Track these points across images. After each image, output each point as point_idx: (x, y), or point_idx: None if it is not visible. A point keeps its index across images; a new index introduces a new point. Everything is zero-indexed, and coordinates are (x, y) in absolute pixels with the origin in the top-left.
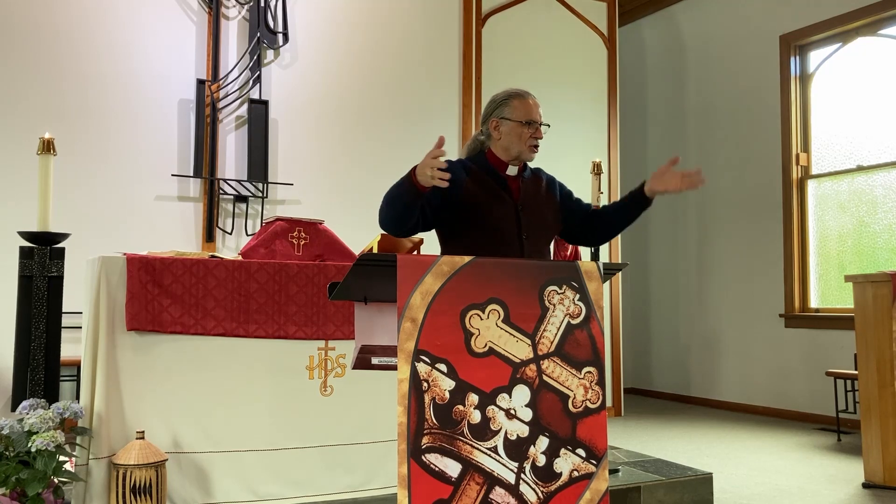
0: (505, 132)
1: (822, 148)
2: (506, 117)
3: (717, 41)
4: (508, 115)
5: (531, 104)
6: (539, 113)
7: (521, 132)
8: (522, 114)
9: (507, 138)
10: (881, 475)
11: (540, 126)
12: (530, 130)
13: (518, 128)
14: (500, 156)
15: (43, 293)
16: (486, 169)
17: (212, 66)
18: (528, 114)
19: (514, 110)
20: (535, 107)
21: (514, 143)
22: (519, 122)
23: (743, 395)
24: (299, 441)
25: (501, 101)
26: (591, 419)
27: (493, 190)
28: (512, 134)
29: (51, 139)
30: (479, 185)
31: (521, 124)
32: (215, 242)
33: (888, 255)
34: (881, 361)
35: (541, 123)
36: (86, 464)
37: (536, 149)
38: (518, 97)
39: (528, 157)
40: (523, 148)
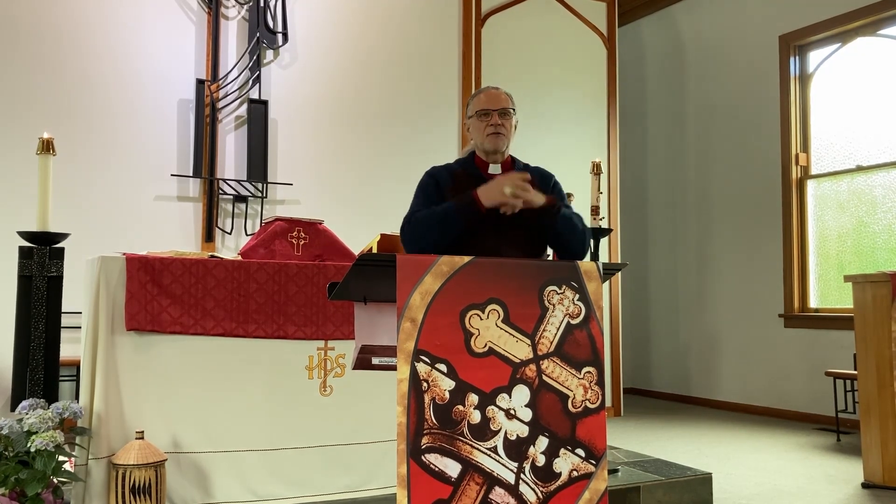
0: (471, 131)
1: (822, 148)
2: (470, 116)
3: (717, 41)
4: (470, 113)
5: (488, 94)
6: (494, 100)
7: (479, 124)
8: (477, 107)
9: (473, 135)
10: (880, 475)
11: (496, 112)
12: (486, 119)
13: (476, 121)
14: (480, 155)
15: (42, 293)
16: (470, 170)
17: (211, 66)
18: (481, 104)
19: (472, 107)
20: (489, 97)
21: (477, 137)
22: (474, 115)
23: (742, 395)
24: (299, 441)
25: (467, 105)
26: (591, 419)
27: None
28: (475, 129)
29: (50, 139)
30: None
31: (477, 117)
32: (215, 242)
33: (887, 256)
34: (880, 361)
35: (496, 110)
36: (85, 464)
37: (497, 136)
38: (477, 93)
39: (490, 146)
40: (483, 138)
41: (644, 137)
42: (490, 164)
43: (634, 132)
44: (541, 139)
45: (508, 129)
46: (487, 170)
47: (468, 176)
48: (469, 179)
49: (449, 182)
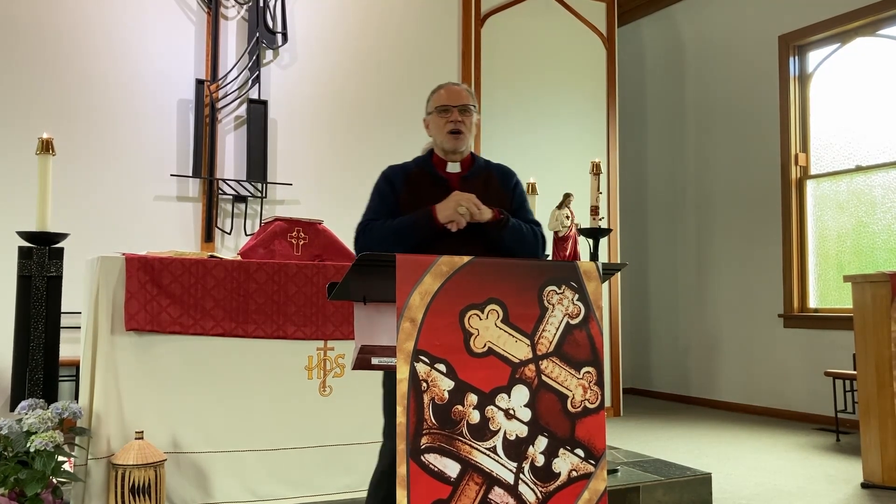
0: (431, 127)
1: (821, 148)
2: (428, 112)
3: (716, 41)
4: (430, 109)
5: (449, 90)
6: (456, 97)
7: (438, 121)
8: (437, 103)
9: (432, 131)
10: (880, 475)
11: (457, 109)
12: (446, 116)
13: (436, 118)
14: (439, 153)
15: (42, 293)
16: (427, 169)
17: (211, 66)
18: (441, 99)
19: (431, 104)
20: (450, 93)
21: (436, 135)
22: (434, 111)
23: (742, 395)
24: (298, 441)
25: (427, 100)
26: (590, 419)
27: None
28: (434, 126)
29: (49, 139)
30: (415, 190)
31: (437, 113)
32: (214, 242)
33: (887, 256)
34: (880, 362)
35: (457, 106)
36: (84, 464)
37: (457, 134)
38: (437, 89)
39: (450, 146)
40: (442, 137)
41: (644, 138)
42: (448, 162)
43: (634, 132)
44: (540, 139)
45: (469, 126)
46: (445, 168)
47: (424, 176)
48: (425, 180)
49: (404, 183)
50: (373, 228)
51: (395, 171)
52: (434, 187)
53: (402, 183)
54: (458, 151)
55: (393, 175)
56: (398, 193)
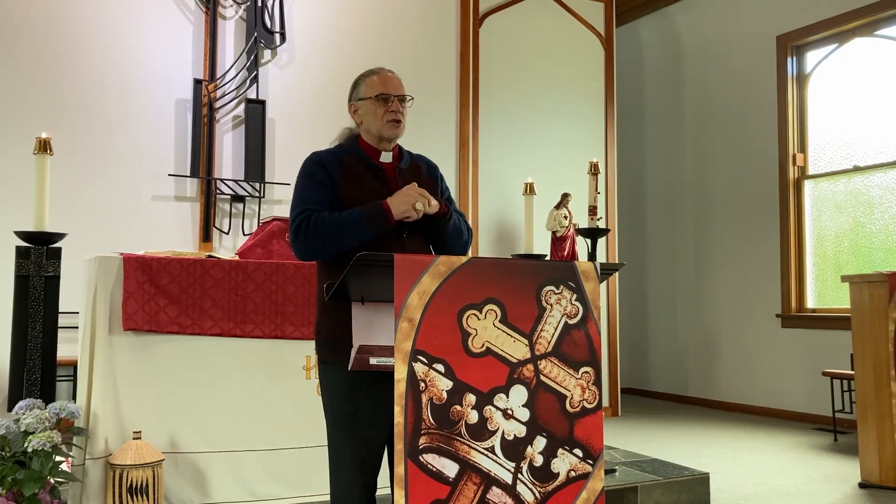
0: (363, 113)
1: (819, 148)
2: (360, 98)
3: (714, 41)
4: (362, 94)
5: (384, 77)
6: (395, 85)
7: (376, 108)
8: (374, 89)
9: (366, 119)
10: (877, 475)
11: (398, 99)
12: (385, 105)
13: (372, 104)
14: (369, 141)
15: (39, 293)
16: (360, 157)
17: (209, 66)
18: (380, 87)
19: (366, 88)
20: (388, 79)
21: (373, 123)
22: (371, 98)
23: (740, 395)
24: (296, 441)
25: (355, 84)
26: (588, 419)
27: (368, 183)
28: (369, 113)
29: (47, 139)
30: (353, 181)
31: (374, 100)
32: (212, 242)
33: (884, 256)
34: (877, 361)
35: (397, 96)
36: (82, 464)
37: (397, 124)
38: (369, 74)
39: (390, 134)
40: (381, 125)
41: (642, 137)
42: (382, 151)
43: (632, 132)
44: (538, 139)
45: (405, 116)
46: (379, 158)
47: (359, 165)
48: (360, 168)
49: (338, 171)
50: (319, 220)
51: (325, 158)
52: (373, 178)
53: (338, 171)
54: (394, 140)
55: (325, 161)
56: (335, 181)
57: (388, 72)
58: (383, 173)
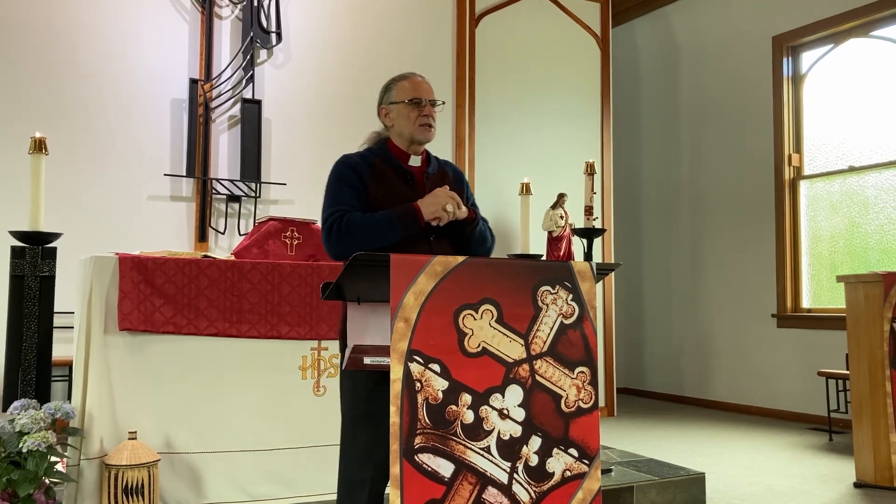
0: (394, 117)
1: (815, 148)
2: (392, 101)
3: (710, 42)
4: (394, 98)
5: (416, 82)
6: (427, 90)
7: (409, 112)
8: (406, 93)
9: (398, 122)
10: (872, 474)
11: (430, 103)
12: (418, 109)
13: (405, 108)
14: (399, 144)
15: (34, 293)
16: (389, 160)
17: (205, 66)
18: (412, 91)
19: (398, 92)
20: (420, 84)
21: (404, 127)
22: (403, 102)
23: (735, 394)
24: (292, 441)
25: (386, 88)
26: (584, 419)
27: (397, 187)
28: (400, 117)
29: (42, 138)
30: (382, 183)
31: (407, 104)
32: (208, 242)
33: (879, 256)
34: (872, 361)
35: (430, 100)
36: (77, 464)
37: (429, 128)
38: (401, 78)
39: (422, 138)
40: (413, 129)
41: (637, 138)
42: (411, 154)
43: (628, 132)
44: (534, 140)
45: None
46: (408, 161)
47: (388, 167)
48: (389, 172)
49: (368, 174)
50: (351, 220)
51: (355, 161)
52: (401, 180)
53: (368, 174)
54: (425, 144)
55: (355, 164)
56: (366, 184)
57: (419, 76)
58: (412, 177)
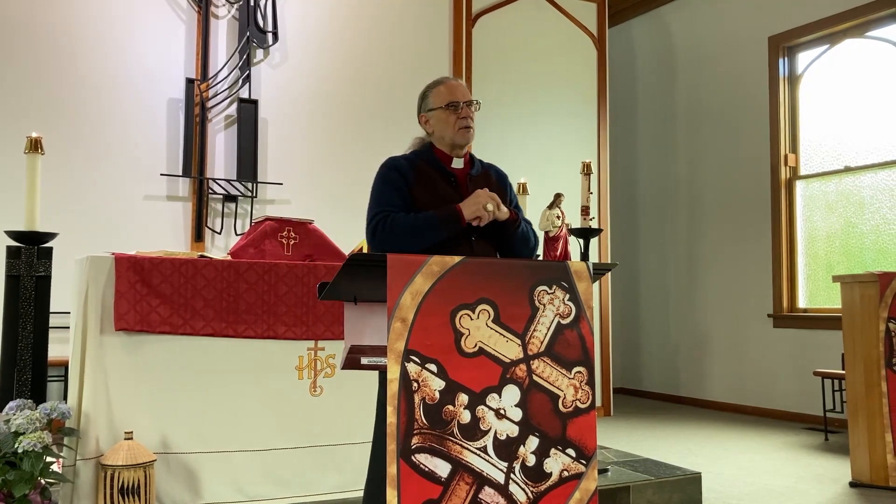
0: (434, 123)
1: (811, 149)
2: (430, 108)
3: (707, 42)
4: (432, 105)
5: (451, 86)
6: (463, 92)
7: (447, 117)
8: (443, 98)
9: (438, 128)
10: (868, 474)
11: (466, 105)
12: (456, 113)
13: (443, 114)
14: (443, 149)
15: (30, 293)
16: (433, 163)
17: (201, 65)
18: (449, 96)
19: (435, 98)
20: (455, 88)
21: (445, 131)
22: (441, 107)
23: (732, 394)
24: (289, 441)
25: (423, 96)
26: (581, 419)
27: (441, 189)
28: (440, 122)
29: (38, 138)
30: (426, 186)
31: (445, 109)
32: (204, 242)
33: (875, 256)
34: (868, 361)
35: (466, 102)
36: (73, 465)
37: (468, 130)
38: (436, 84)
39: (462, 141)
40: (453, 132)
41: (634, 138)
42: (454, 157)
43: (624, 132)
44: (531, 139)
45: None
46: (451, 164)
47: (433, 170)
48: (433, 174)
49: (412, 176)
50: (395, 221)
51: (401, 164)
52: (444, 182)
53: (413, 176)
54: (466, 145)
55: (400, 166)
56: (411, 186)
57: (453, 80)
58: (455, 179)
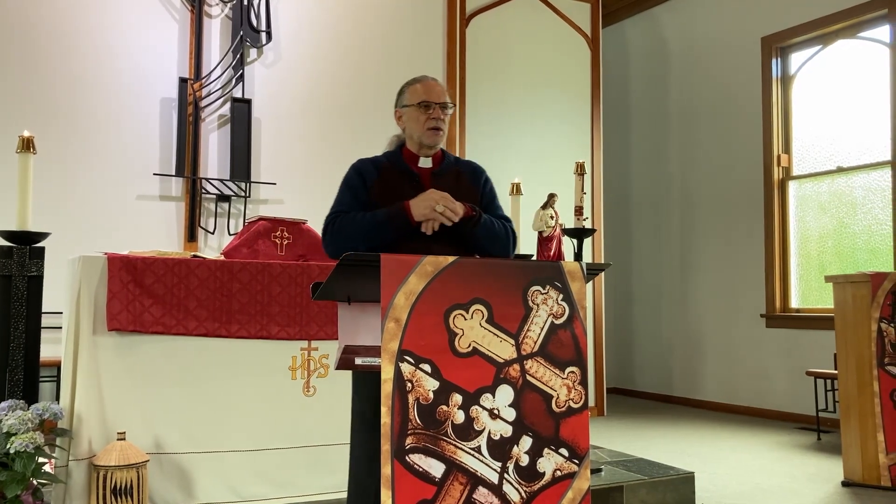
0: (406, 120)
1: (803, 149)
2: (404, 105)
3: (700, 42)
4: (406, 101)
5: (427, 85)
6: (438, 94)
7: (419, 116)
8: (417, 96)
9: (409, 125)
10: (860, 473)
11: (438, 106)
12: (427, 112)
13: (415, 111)
14: (411, 147)
15: (22, 293)
16: (398, 163)
17: (194, 65)
18: (423, 94)
19: (410, 96)
20: (431, 87)
21: (415, 129)
22: (414, 105)
23: (724, 394)
24: (282, 441)
25: (400, 92)
26: (574, 419)
27: (401, 189)
28: (411, 120)
29: (30, 137)
30: (387, 185)
31: (417, 107)
32: (197, 242)
33: (867, 256)
34: (860, 361)
35: (439, 104)
36: (66, 465)
37: (437, 131)
38: (414, 82)
39: (429, 141)
40: (422, 131)
41: (627, 138)
42: (421, 157)
43: (618, 133)
44: (524, 139)
45: (447, 123)
46: (418, 163)
47: (395, 170)
48: (396, 174)
49: (375, 176)
50: (343, 221)
51: (365, 164)
52: (406, 182)
53: (374, 176)
54: (435, 147)
55: (363, 168)
56: (370, 187)
57: (431, 80)
58: (418, 179)
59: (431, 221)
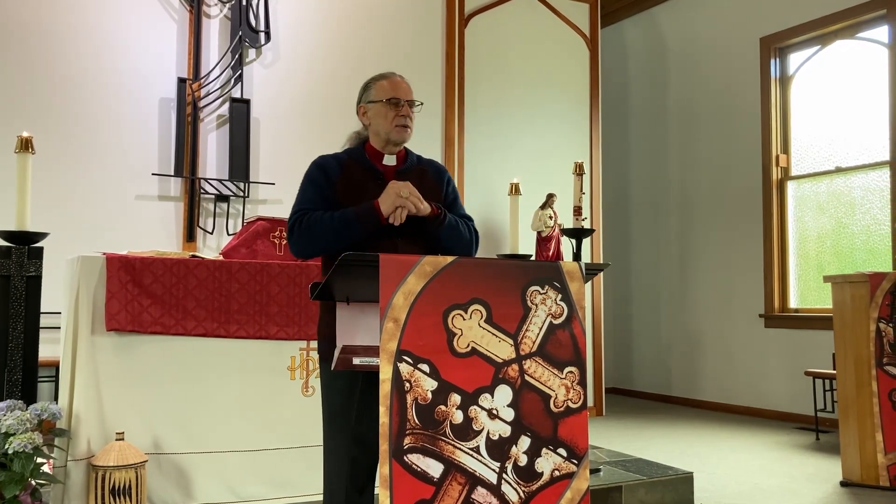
0: (371, 116)
1: (802, 149)
2: (371, 100)
3: (699, 43)
4: (373, 97)
5: (395, 82)
6: (406, 91)
7: (387, 112)
8: (385, 92)
9: (375, 121)
10: (858, 473)
11: (408, 104)
12: (396, 109)
13: (383, 108)
14: (375, 144)
15: (21, 293)
16: (361, 161)
17: (193, 65)
18: (392, 91)
19: (377, 91)
20: (399, 84)
21: (381, 125)
22: (382, 101)
23: (723, 394)
24: (281, 442)
25: (365, 87)
26: (573, 419)
27: (366, 187)
28: (378, 116)
29: (29, 137)
30: (351, 182)
31: (385, 103)
32: (196, 242)
33: (866, 256)
34: (859, 361)
35: (408, 101)
36: (64, 465)
37: (405, 129)
38: (380, 78)
39: (397, 139)
40: (389, 128)
41: (626, 138)
42: (385, 154)
43: (617, 133)
44: (523, 139)
45: (413, 120)
46: (382, 160)
47: (359, 167)
48: (360, 171)
49: (338, 173)
50: (311, 220)
51: (327, 161)
52: (370, 180)
53: (337, 173)
54: (401, 144)
55: (326, 164)
56: (333, 184)
57: (398, 76)
58: (382, 176)
59: (400, 210)
